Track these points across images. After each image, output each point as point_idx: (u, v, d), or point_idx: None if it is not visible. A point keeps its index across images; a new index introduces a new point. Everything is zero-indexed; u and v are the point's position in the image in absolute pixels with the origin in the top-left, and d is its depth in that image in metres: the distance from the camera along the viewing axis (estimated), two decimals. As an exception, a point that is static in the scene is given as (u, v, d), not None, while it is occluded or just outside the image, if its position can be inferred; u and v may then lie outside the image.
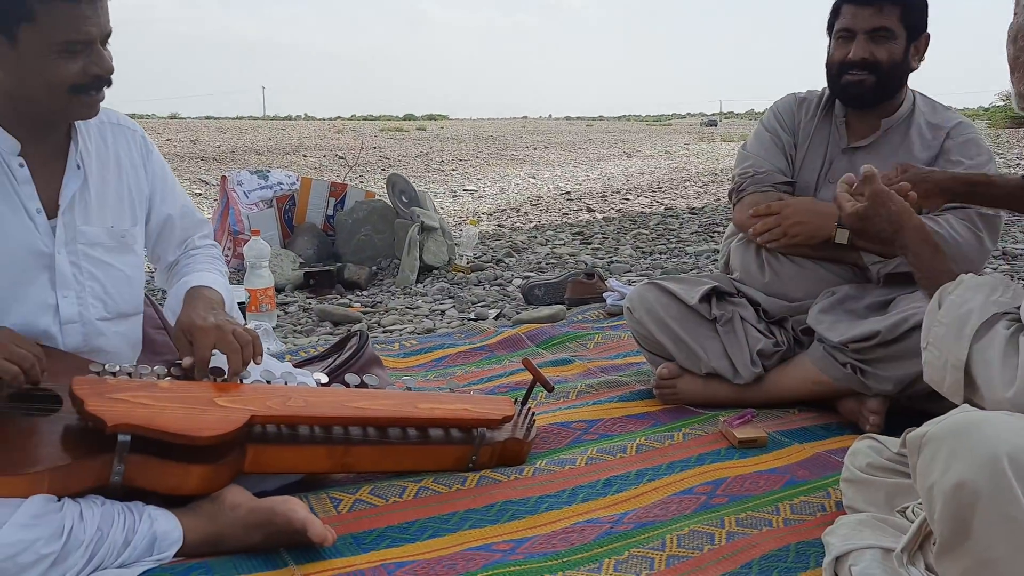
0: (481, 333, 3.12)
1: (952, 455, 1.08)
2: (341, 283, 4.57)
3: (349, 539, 1.54)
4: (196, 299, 1.71)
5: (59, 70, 1.49)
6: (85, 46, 1.49)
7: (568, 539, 1.54)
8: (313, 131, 27.15)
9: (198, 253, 1.91)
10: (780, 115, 2.34)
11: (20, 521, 1.32)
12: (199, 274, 1.81)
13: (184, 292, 1.75)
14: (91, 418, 1.42)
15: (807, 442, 1.96)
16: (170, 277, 1.89)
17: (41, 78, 1.49)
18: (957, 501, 1.07)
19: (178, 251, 1.90)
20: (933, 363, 1.35)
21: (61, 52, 1.48)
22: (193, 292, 1.74)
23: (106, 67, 1.54)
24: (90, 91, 1.54)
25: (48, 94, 1.51)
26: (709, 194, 9.46)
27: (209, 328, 1.61)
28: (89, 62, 1.51)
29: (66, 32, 1.47)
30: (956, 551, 1.09)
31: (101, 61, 1.52)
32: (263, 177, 5.30)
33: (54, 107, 1.54)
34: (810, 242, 2.14)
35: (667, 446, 1.96)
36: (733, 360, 2.16)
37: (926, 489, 1.12)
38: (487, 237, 6.21)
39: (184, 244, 1.90)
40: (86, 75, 1.51)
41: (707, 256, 4.95)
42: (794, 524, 1.59)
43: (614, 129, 33.80)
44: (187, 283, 1.77)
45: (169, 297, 1.82)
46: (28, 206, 1.56)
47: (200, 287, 1.75)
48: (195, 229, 1.91)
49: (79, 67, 1.50)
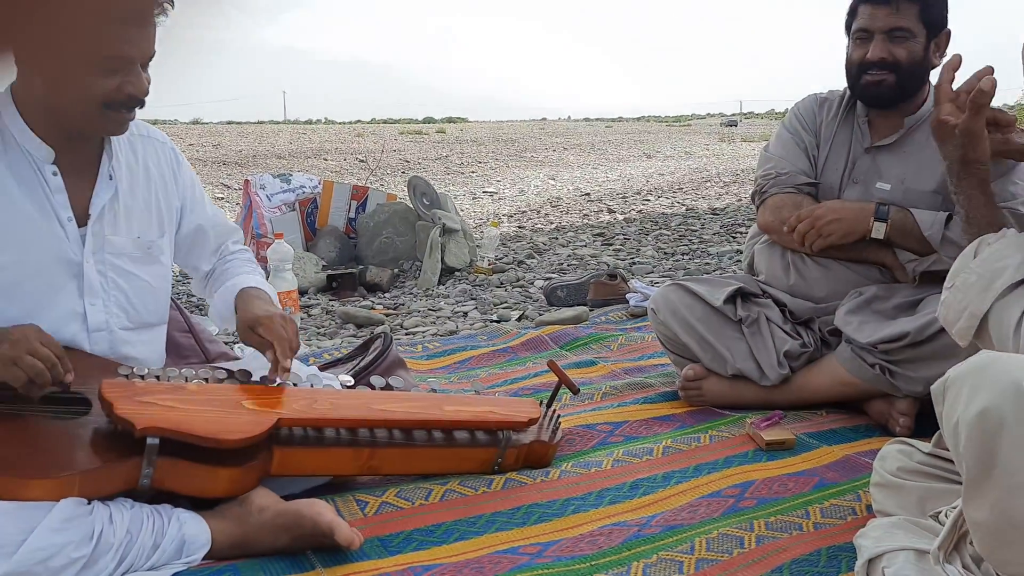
0: (504, 335, 3.12)
1: (974, 388, 1.09)
2: (363, 285, 4.59)
3: (376, 542, 1.54)
4: (251, 299, 1.77)
5: (95, 85, 1.50)
6: (125, 64, 1.51)
7: (596, 542, 1.53)
8: (333, 135, 27.29)
9: (234, 258, 1.93)
10: (801, 116, 2.32)
11: (51, 525, 1.33)
12: (242, 277, 1.86)
13: (234, 295, 1.80)
14: (121, 421, 1.42)
15: (836, 444, 1.94)
16: (209, 284, 1.92)
17: (77, 91, 1.50)
18: (981, 429, 1.07)
19: (213, 259, 1.92)
20: (953, 305, 1.38)
21: (100, 67, 1.49)
22: (244, 294, 1.79)
23: (141, 89, 1.55)
24: (121, 109, 1.55)
25: (81, 107, 1.52)
26: (731, 194, 9.41)
27: (274, 316, 1.70)
28: (126, 81, 1.52)
29: (108, 47, 1.48)
30: (983, 485, 1.09)
31: (138, 83, 1.53)
32: (285, 181, 5.33)
33: (85, 120, 1.55)
34: (846, 240, 2.10)
35: (694, 448, 1.94)
36: (759, 361, 2.14)
37: (951, 428, 1.12)
38: (508, 239, 6.20)
39: (219, 251, 1.93)
40: (120, 93, 1.52)
41: (730, 257, 4.92)
42: (824, 528, 1.57)
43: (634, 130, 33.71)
44: (235, 286, 1.82)
45: (216, 301, 1.85)
46: (60, 214, 1.58)
47: (248, 288, 1.81)
48: (227, 236, 1.93)
49: (115, 85, 1.51)
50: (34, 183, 1.55)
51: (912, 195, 2.12)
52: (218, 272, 1.91)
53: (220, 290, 1.85)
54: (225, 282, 1.85)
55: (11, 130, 1.54)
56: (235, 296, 1.79)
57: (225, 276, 1.88)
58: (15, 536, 1.30)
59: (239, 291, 1.80)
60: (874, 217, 2.06)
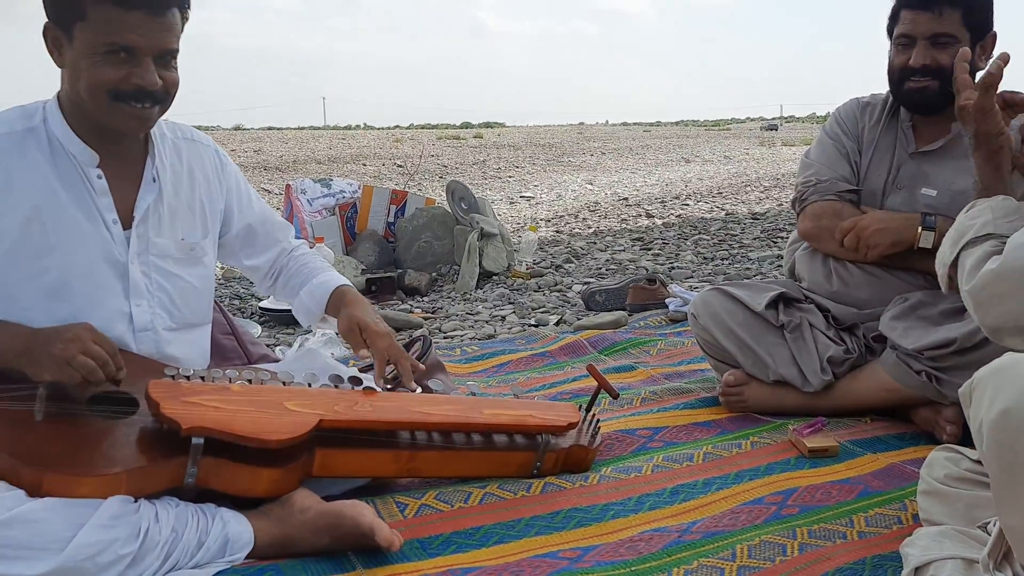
0: (542, 339, 3.11)
1: (996, 389, 1.10)
2: (402, 289, 4.61)
3: (415, 544, 1.55)
4: (352, 301, 1.86)
5: (100, 72, 1.50)
6: (128, 54, 1.50)
7: (636, 548, 1.52)
8: (372, 140, 27.52)
9: (306, 256, 1.97)
10: (843, 121, 2.29)
11: (99, 522, 1.35)
12: (328, 275, 1.93)
13: (327, 293, 1.88)
14: (167, 421, 1.45)
15: (880, 452, 1.91)
16: (282, 281, 1.95)
17: (84, 79, 1.51)
18: (1003, 428, 1.07)
19: (269, 254, 1.93)
20: (938, 257, 1.55)
21: (105, 54, 1.49)
22: (340, 293, 1.88)
23: (149, 80, 1.52)
24: (131, 101, 1.53)
25: (90, 96, 1.52)
26: (771, 199, 9.31)
27: (384, 334, 1.80)
28: (133, 72, 1.51)
29: (110, 33, 1.48)
30: (1013, 488, 1.08)
31: (145, 74, 1.51)
32: (326, 185, 5.38)
33: (99, 112, 1.54)
34: (894, 250, 2.07)
35: (735, 455, 1.92)
36: (802, 367, 2.11)
37: (977, 430, 1.14)
38: (546, 243, 6.20)
39: (277, 249, 1.94)
40: (127, 83, 1.51)
41: (770, 262, 4.87)
42: (869, 537, 1.55)
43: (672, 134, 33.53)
44: (325, 284, 1.90)
45: (302, 299, 1.91)
46: (105, 217, 1.60)
47: (343, 288, 1.89)
48: (279, 232, 1.95)
49: (122, 74, 1.50)
50: (80, 186, 1.58)
51: (959, 200, 2.08)
52: (293, 269, 1.95)
53: (307, 287, 1.90)
54: (310, 279, 1.91)
55: (57, 135, 1.57)
56: (329, 295, 1.87)
57: (307, 273, 1.93)
58: (65, 532, 1.33)
59: (333, 290, 1.87)
60: (922, 226, 2.02)
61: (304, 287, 1.91)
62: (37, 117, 1.58)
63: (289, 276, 1.95)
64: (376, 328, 1.80)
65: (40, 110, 1.59)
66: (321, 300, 1.88)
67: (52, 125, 1.57)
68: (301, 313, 1.92)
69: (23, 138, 1.55)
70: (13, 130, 1.55)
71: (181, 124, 1.78)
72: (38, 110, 1.59)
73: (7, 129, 1.55)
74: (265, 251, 1.93)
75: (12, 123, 1.56)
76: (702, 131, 37.85)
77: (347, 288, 1.90)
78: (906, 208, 2.13)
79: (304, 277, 1.93)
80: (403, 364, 1.79)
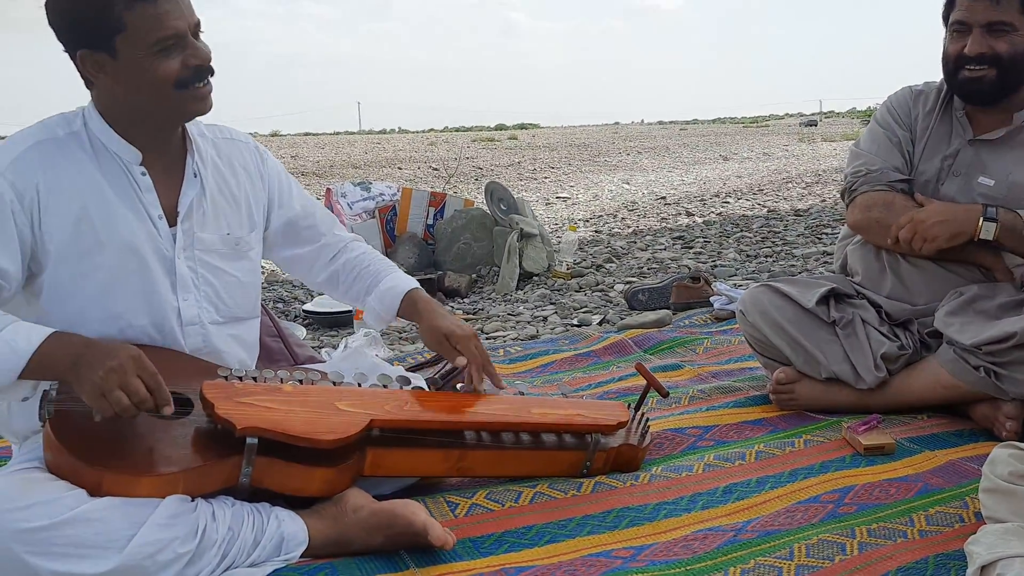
0: (586, 339, 3.10)
1: None
2: (442, 291, 4.62)
3: (467, 543, 1.55)
4: (426, 308, 1.86)
5: (160, 70, 1.52)
6: (177, 40, 1.52)
7: (690, 547, 1.50)
8: (407, 144, 27.67)
9: (364, 255, 1.95)
10: (894, 109, 2.24)
11: (158, 521, 1.37)
12: (393, 277, 1.92)
13: (397, 299, 1.87)
14: (222, 421, 1.46)
15: (939, 449, 1.87)
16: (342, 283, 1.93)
17: (146, 82, 1.53)
18: None
19: (313, 246, 1.92)
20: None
21: (157, 52, 1.51)
22: (411, 300, 1.87)
23: (203, 56, 1.56)
24: (194, 83, 1.56)
25: (157, 95, 1.54)
26: (813, 195, 9.18)
27: (471, 336, 1.82)
28: (186, 55, 1.54)
29: (155, 31, 1.50)
30: None
31: (197, 51, 1.55)
32: (365, 189, 5.42)
33: (166, 107, 1.57)
34: (953, 242, 2.01)
35: (788, 453, 1.89)
36: (855, 364, 2.07)
37: None
38: (585, 243, 6.18)
39: (321, 242, 1.92)
40: (186, 68, 1.54)
41: (816, 259, 4.80)
42: (931, 535, 1.51)
43: (709, 132, 33.27)
44: (394, 289, 1.89)
45: (371, 303, 1.90)
46: (151, 213, 1.62)
47: (412, 293, 1.88)
48: (323, 226, 1.93)
49: (178, 62, 1.53)
50: (125, 184, 1.60)
51: (1016, 192, 2.03)
52: (356, 272, 1.92)
53: (376, 293, 1.89)
54: (377, 284, 1.90)
55: (99, 136, 1.59)
56: (399, 301, 1.87)
57: (371, 277, 1.91)
58: (125, 531, 1.35)
59: (405, 295, 1.87)
60: (983, 217, 1.97)
61: (372, 292, 1.90)
62: (77, 122, 1.60)
63: (352, 279, 1.93)
64: (461, 333, 1.82)
65: (79, 115, 1.61)
66: (392, 306, 1.87)
67: (93, 127, 1.59)
68: (371, 317, 1.92)
69: (65, 142, 1.57)
70: (55, 135, 1.58)
71: (219, 125, 1.80)
72: (77, 115, 1.61)
73: (49, 135, 1.58)
74: (308, 243, 1.91)
75: (53, 129, 1.59)
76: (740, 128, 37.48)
77: (417, 293, 1.89)
78: (962, 196, 2.08)
79: (369, 281, 1.91)
80: (491, 368, 1.84)
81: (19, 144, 1.55)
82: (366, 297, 1.91)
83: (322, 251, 1.93)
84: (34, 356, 1.41)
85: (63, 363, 1.41)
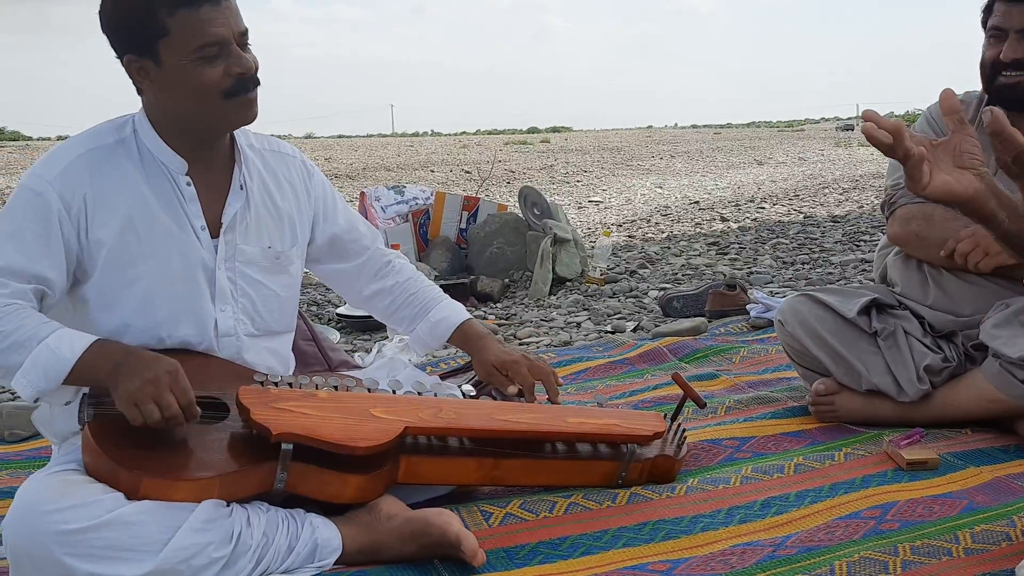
0: (620, 346, 3.07)
1: None
2: (475, 295, 4.62)
3: (501, 553, 1.53)
4: (477, 343, 1.90)
5: (203, 77, 1.52)
6: (220, 48, 1.52)
7: (728, 561, 1.48)
8: (440, 147, 27.78)
9: (410, 281, 1.95)
10: (933, 120, 2.20)
11: (194, 525, 1.37)
12: (443, 307, 1.94)
13: (448, 331, 1.92)
14: (257, 426, 1.46)
15: (984, 465, 1.82)
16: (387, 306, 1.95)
17: (190, 88, 1.53)
18: None
19: (357, 261, 1.92)
20: None
21: (199, 59, 1.51)
22: (462, 333, 1.92)
23: (246, 65, 1.55)
24: (239, 93, 1.56)
25: (201, 102, 1.54)
26: (851, 201, 9.05)
27: (520, 360, 1.85)
28: (229, 63, 1.53)
29: (197, 37, 1.50)
30: None
31: (240, 60, 1.54)
32: (399, 192, 5.43)
33: (210, 115, 1.57)
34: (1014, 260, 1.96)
35: (828, 466, 1.85)
36: (897, 376, 2.03)
37: None
38: (618, 248, 6.14)
39: (364, 256, 1.93)
40: (229, 77, 1.53)
41: (854, 266, 4.72)
42: (977, 554, 1.47)
43: (743, 136, 32.99)
44: (446, 321, 1.92)
45: (419, 332, 1.93)
46: (194, 223, 1.62)
47: (464, 325, 1.92)
48: (366, 240, 1.94)
49: (221, 71, 1.53)
50: (170, 194, 1.61)
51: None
52: (406, 294, 1.93)
53: (426, 324, 1.92)
54: (427, 313, 1.93)
55: (147, 145, 1.60)
56: (450, 333, 1.91)
57: (420, 304, 1.93)
58: (160, 535, 1.35)
59: (456, 328, 1.91)
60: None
61: (421, 321, 1.92)
62: (127, 128, 1.61)
63: (399, 304, 1.94)
64: (511, 360, 1.85)
65: (129, 122, 1.62)
66: (442, 337, 1.92)
67: (142, 135, 1.60)
68: (418, 344, 1.96)
69: (114, 150, 1.59)
70: (104, 143, 1.59)
71: (268, 136, 1.80)
72: (127, 122, 1.62)
73: (98, 143, 1.59)
74: (352, 258, 1.92)
75: (102, 136, 1.60)
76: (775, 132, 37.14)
77: (467, 325, 1.92)
78: None
79: (418, 308, 1.93)
80: (549, 383, 1.86)
81: (69, 153, 1.57)
82: (414, 324, 1.93)
83: (365, 266, 1.94)
84: (77, 363, 1.43)
85: (104, 370, 1.43)
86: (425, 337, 1.92)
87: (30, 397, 1.46)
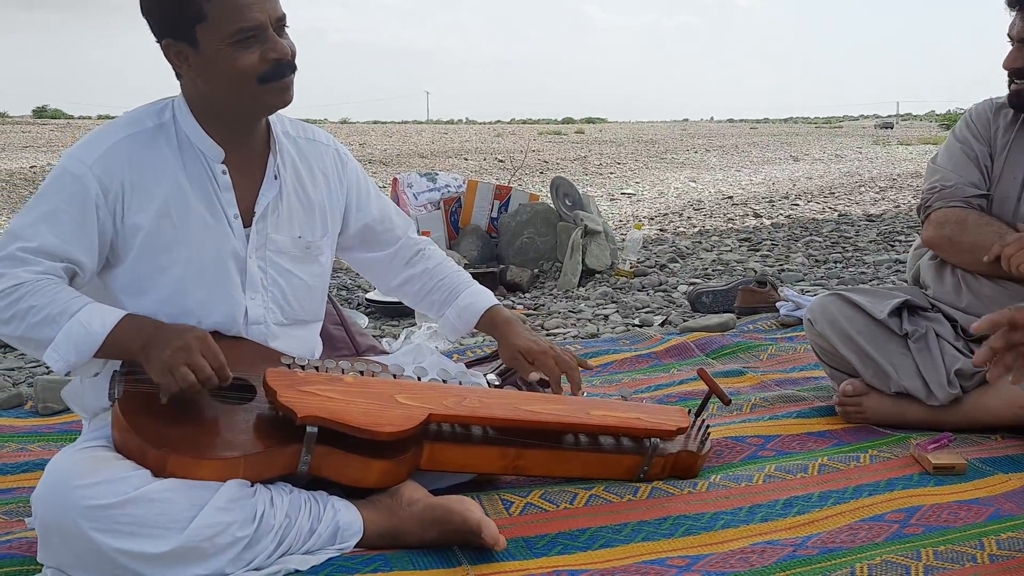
0: (647, 340, 3.06)
1: None
2: (504, 285, 4.62)
3: (521, 542, 1.54)
4: (504, 327, 1.89)
5: (239, 62, 1.53)
6: (257, 33, 1.53)
7: (747, 559, 1.47)
8: (474, 135, 27.79)
9: (440, 266, 1.96)
10: (973, 123, 2.17)
11: (218, 504, 1.39)
12: (471, 292, 1.94)
13: (476, 316, 1.92)
14: (283, 408, 1.48)
15: (1014, 472, 1.79)
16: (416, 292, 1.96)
17: (226, 73, 1.54)
18: None
19: (389, 250, 1.93)
20: None
21: (235, 44, 1.52)
22: (490, 318, 1.91)
23: (282, 51, 1.55)
24: (275, 78, 1.56)
25: (237, 87, 1.55)
26: (887, 200, 8.93)
27: (547, 350, 1.83)
28: (265, 48, 1.54)
29: (234, 22, 1.51)
30: None
31: (277, 45, 1.55)
32: (431, 180, 5.45)
33: (247, 100, 1.58)
34: None
35: (852, 468, 1.84)
36: (927, 379, 2.01)
37: None
38: (649, 242, 6.12)
39: (396, 245, 1.93)
40: (265, 62, 1.54)
41: (887, 266, 4.66)
42: (1002, 560, 1.45)
43: (780, 132, 32.63)
44: (474, 307, 1.92)
45: (449, 317, 1.93)
46: (227, 211, 1.64)
47: (492, 310, 1.92)
48: (398, 230, 1.94)
49: (257, 56, 1.53)
50: (204, 181, 1.62)
51: None
52: (436, 279, 1.94)
53: (454, 308, 1.92)
54: (455, 298, 1.93)
55: (186, 131, 1.62)
56: (479, 318, 1.91)
57: (448, 289, 1.94)
58: (186, 513, 1.38)
59: (484, 313, 1.91)
60: None
61: (450, 306, 1.93)
62: (167, 113, 1.63)
63: (429, 289, 1.95)
64: (538, 349, 1.84)
65: (169, 107, 1.63)
66: (470, 322, 1.92)
67: (181, 121, 1.62)
68: (447, 329, 1.96)
69: (153, 135, 1.60)
70: (144, 127, 1.60)
71: (304, 123, 1.81)
72: (167, 107, 1.64)
73: (138, 128, 1.60)
74: (384, 247, 1.93)
75: (142, 121, 1.61)
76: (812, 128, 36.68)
77: (495, 311, 1.92)
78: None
79: (447, 294, 1.93)
80: (574, 376, 1.83)
81: (109, 137, 1.58)
82: (443, 309, 1.94)
83: (397, 254, 1.94)
84: (108, 337, 1.46)
85: (135, 344, 1.46)
86: (454, 322, 1.93)
87: (61, 371, 1.48)
